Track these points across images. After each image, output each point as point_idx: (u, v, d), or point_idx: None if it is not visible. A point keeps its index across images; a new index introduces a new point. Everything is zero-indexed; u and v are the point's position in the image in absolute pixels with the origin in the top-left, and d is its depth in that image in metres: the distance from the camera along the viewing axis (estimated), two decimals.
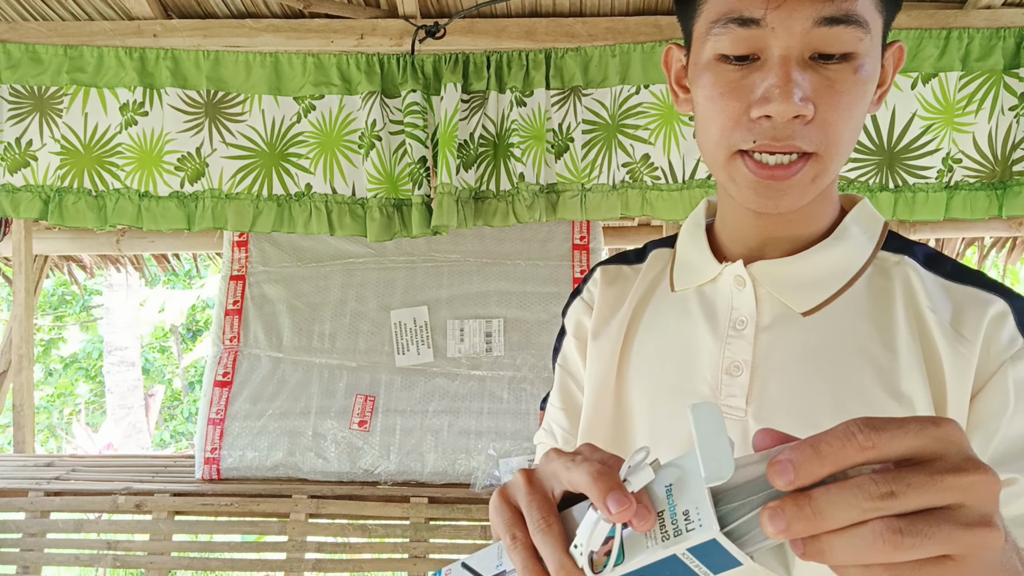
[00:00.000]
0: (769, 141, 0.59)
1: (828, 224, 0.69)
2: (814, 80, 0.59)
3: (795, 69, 0.58)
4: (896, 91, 2.09)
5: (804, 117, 0.58)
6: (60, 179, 2.19)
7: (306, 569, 2.10)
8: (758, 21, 0.58)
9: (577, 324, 0.83)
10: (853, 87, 0.59)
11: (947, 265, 0.67)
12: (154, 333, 9.80)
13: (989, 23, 2.08)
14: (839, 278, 0.67)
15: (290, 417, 2.30)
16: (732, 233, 0.72)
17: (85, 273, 3.29)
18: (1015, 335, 0.61)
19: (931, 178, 2.11)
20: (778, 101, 0.57)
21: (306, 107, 2.18)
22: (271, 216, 2.19)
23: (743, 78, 0.60)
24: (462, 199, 2.13)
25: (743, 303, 0.68)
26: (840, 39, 0.58)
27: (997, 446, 0.59)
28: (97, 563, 2.19)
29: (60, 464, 2.41)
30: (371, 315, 2.39)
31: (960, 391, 0.60)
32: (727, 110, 0.61)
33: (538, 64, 2.12)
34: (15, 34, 2.19)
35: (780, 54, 0.58)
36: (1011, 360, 0.60)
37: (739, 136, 0.61)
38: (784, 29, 0.58)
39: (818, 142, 0.59)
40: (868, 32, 0.59)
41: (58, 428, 8.87)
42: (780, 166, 0.60)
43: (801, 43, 0.58)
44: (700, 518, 0.39)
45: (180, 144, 2.18)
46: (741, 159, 0.62)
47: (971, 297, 0.64)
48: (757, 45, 0.59)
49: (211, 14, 2.22)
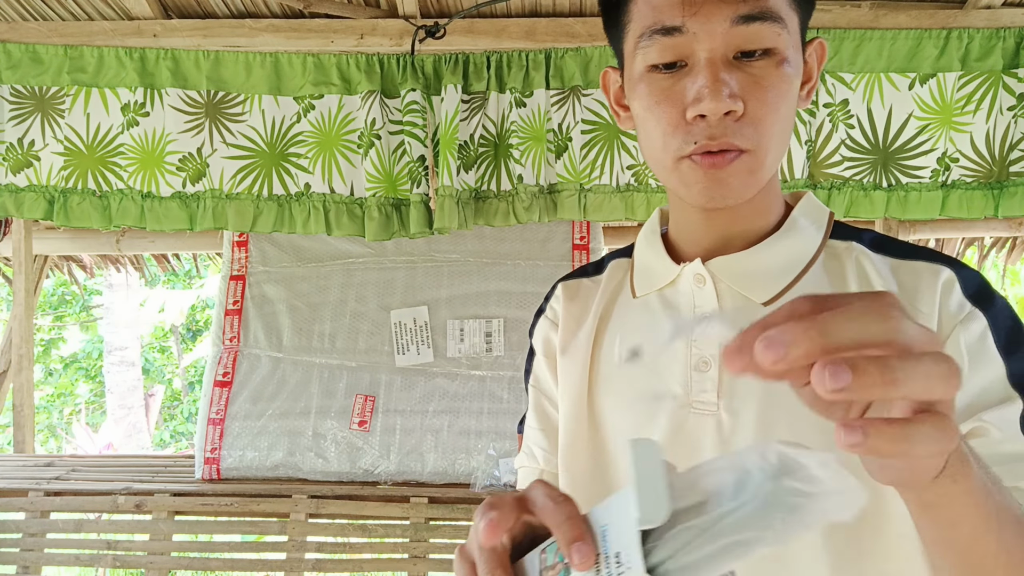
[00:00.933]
0: (706, 141, 0.62)
1: (776, 219, 0.73)
2: (740, 78, 0.62)
3: (721, 69, 0.61)
4: (893, 91, 2.10)
5: (735, 113, 0.62)
6: (64, 179, 2.19)
7: (306, 569, 2.10)
8: (680, 28, 0.62)
9: (545, 342, 0.84)
10: (778, 82, 0.63)
11: (894, 245, 0.71)
12: (154, 333, 9.80)
13: (989, 23, 2.08)
14: (794, 267, 0.70)
15: (290, 417, 2.30)
16: (686, 236, 0.75)
17: (85, 273, 3.29)
18: (962, 301, 0.65)
19: (925, 178, 2.12)
20: (708, 99, 0.61)
21: (305, 107, 2.19)
22: (271, 216, 2.19)
23: (674, 84, 0.64)
24: (462, 200, 2.13)
25: (705, 300, 0.71)
26: (759, 35, 0.61)
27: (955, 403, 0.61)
28: (97, 563, 2.19)
29: (60, 464, 2.41)
30: (371, 315, 2.39)
31: None
32: (664, 116, 0.64)
33: (538, 64, 2.12)
34: (15, 34, 2.19)
35: (705, 57, 0.62)
36: (960, 324, 0.64)
37: (680, 140, 0.64)
38: (705, 32, 0.61)
39: (750, 137, 0.63)
40: (785, 27, 0.62)
41: (58, 428, 8.87)
42: (721, 152, 0.63)
43: (723, 44, 0.62)
44: (629, 562, 0.40)
45: (181, 144, 2.18)
46: (688, 160, 0.65)
47: (921, 270, 0.67)
48: (682, 52, 0.63)
49: (211, 14, 2.23)
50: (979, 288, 0.66)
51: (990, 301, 0.65)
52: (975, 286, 0.66)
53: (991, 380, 0.62)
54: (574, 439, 0.76)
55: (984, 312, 0.64)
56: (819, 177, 2.14)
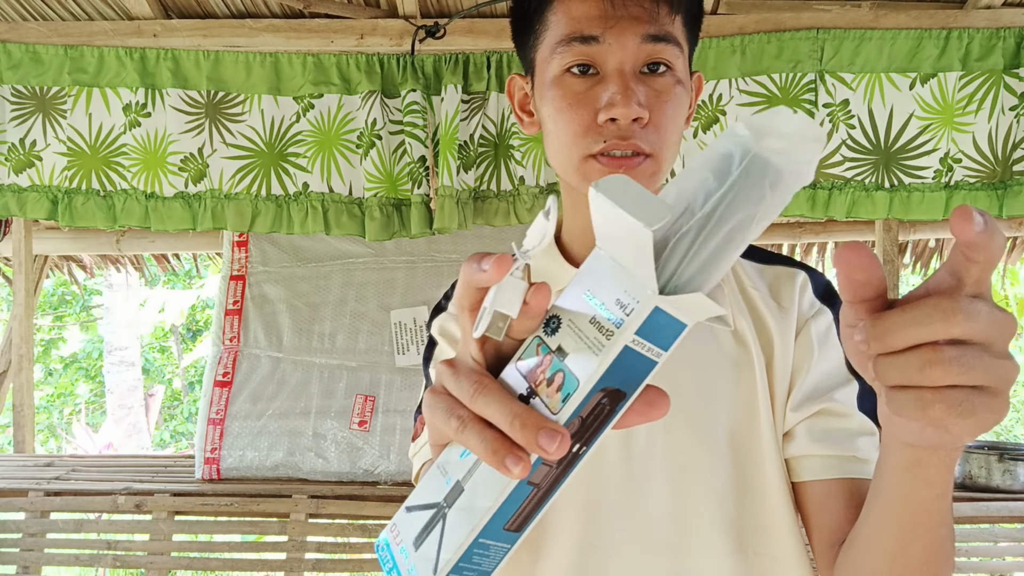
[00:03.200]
0: (616, 140, 0.69)
1: None
2: (645, 90, 0.69)
3: (631, 81, 0.69)
4: (894, 91, 2.10)
5: (642, 120, 0.69)
6: (68, 180, 2.19)
7: (306, 569, 2.10)
8: (597, 38, 0.69)
9: (445, 332, 0.83)
10: (674, 96, 0.71)
11: (756, 252, 0.81)
12: (154, 333, 9.80)
13: (989, 23, 2.08)
14: None
15: (290, 417, 2.30)
16: (581, 239, 0.79)
17: (85, 273, 3.29)
18: (813, 300, 0.78)
19: (928, 178, 2.11)
20: (620, 105, 0.67)
21: (305, 106, 2.18)
22: (269, 216, 2.19)
23: (588, 90, 0.70)
24: (462, 200, 2.13)
25: None
26: (663, 54, 0.70)
27: (807, 383, 0.74)
28: (97, 563, 2.19)
29: (60, 464, 2.41)
30: (371, 315, 2.39)
31: (784, 347, 0.75)
32: (576, 118, 0.70)
33: None
34: (15, 34, 2.19)
35: (617, 67, 0.69)
36: (812, 318, 0.76)
37: (590, 140, 0.70)
38: (619, 45, 0.69)
39: (653, 142, 0.70)
40: (682, 52, 0.72)
41: (58, 428, 8.87)
42: (626, 157, 0.70)
43: (633, 57, 0.69)
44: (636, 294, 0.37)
45: (182, 145, 2.18)
46: (594, 159, 0.70)
47: (781, 274, 0.79)
48: (597, 59, 0.70)
49: (211, 14, 2.22)
50: (827, 290, 0.79)
51: (833, 300, 0.78)
52: (823, 287, 0.79)
53: (835, 366, 0.75)
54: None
55: (831, 308, 0.77)
56: (819, 178, 2.14)
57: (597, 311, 0.39)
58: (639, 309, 0.37)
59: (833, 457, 0.71)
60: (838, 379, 0.74)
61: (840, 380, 0.74)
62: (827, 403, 0.72)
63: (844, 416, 0.72)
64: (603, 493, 0.71)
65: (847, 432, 0.71)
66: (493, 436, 0.38)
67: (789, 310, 0.76)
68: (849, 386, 0.74)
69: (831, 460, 0.71)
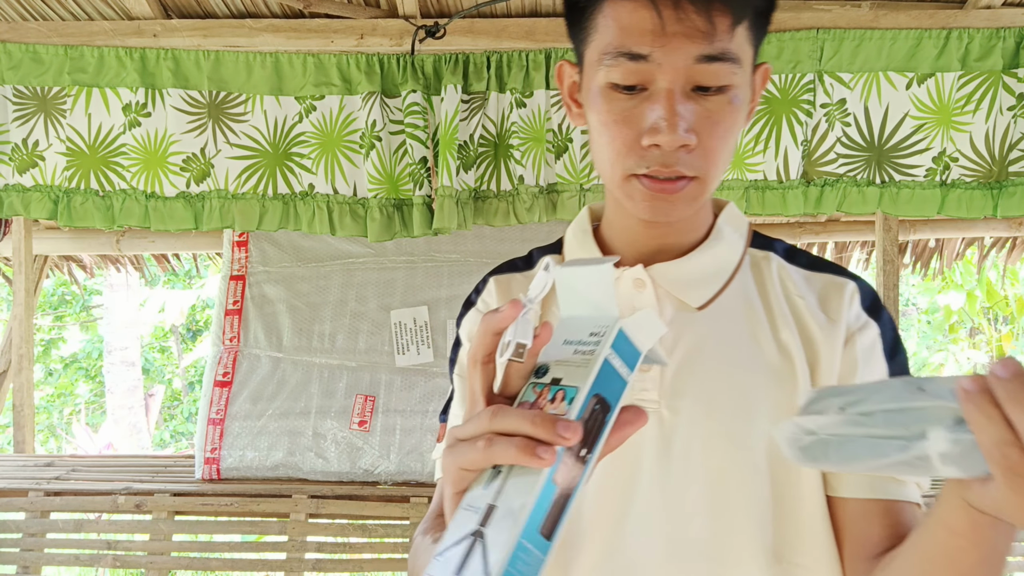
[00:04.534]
0: (659, 167, 0.66)
1: (706, 228, 0.78)
2: (695, 111, 0.66)
3: (679, 102, 0.65)
4: (891, 90, 2.10)
5: (688, 147, 0.65)
6: (68, 180, 2.20)
7: (306, 569, 2.10)
8: (646, 56, 0.64)
9: (471, 334, 0.84)
10: (728, 116, 0.67)
11: (803, 257, 0.79)
12: (154, 333, 9.79)
13: (989, 23, 2.08)
14: (722, 274, 0.75)
15: (290, 417, 2.30)
16: (623, 240, 0.78)
17: (85, 273, 3.29)
18: (860, 312, 0.75)
19: (919, 176, 2.12)
20: (665, 133, 0.64)
21: (307, 107, 2.19)
22: (276, 215, 2.20)
23: (634, 107, 0.66)
24: (461, 200, 2.13)
25: (644, 303, 0.74)
26: (717, 74, 0.65)
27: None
28: (97, 563, 2.19)
29: (60, 464, 2.41)
30: (371, 315, 2.39)
31: (830, 360, 0.72)
32: (620, 136, 0.67)
33: (538, 64, 2.13)
34: (15, 34, 2.19)
35: (666, 87, 0.65)
36: (859, 331, 0.73)
37: (633, 162, 0.67)
38: (669, 65, 0.64)
39: (699, 167, 0.67)
40: (740, 66, 0.66)
41: (58, 428, 8.87)
42: (669, 180, 0.67)
43: (684, 77, 0.65)
44: (603, 323, 0.48)
45: (184, 145, 2.18)
46: (636, 180, 0.68)
47: (829, 283, 0.76)
48: (645, 78, 0.66)
49: (211, 14, 2.23)
50: (873, 301, 0.76)
51: (879, 313, 0.75)
52: (870, 299, 0.76)
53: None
54: None
55: (876, 322, 0.75)
56: (812, 175, 2.14)
57: (577, 346, 0.49)
58: (610, 328, 0.48)
59: (871, 476, 0.69)
60: None
61: None
62: None
63: None
64: (637, 501, 0.70)
65: None
66: (519, 440, 0.45)
67: (837, 323, 0.73)
68: None
69: (868, 479, 0.69)
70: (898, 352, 0.75)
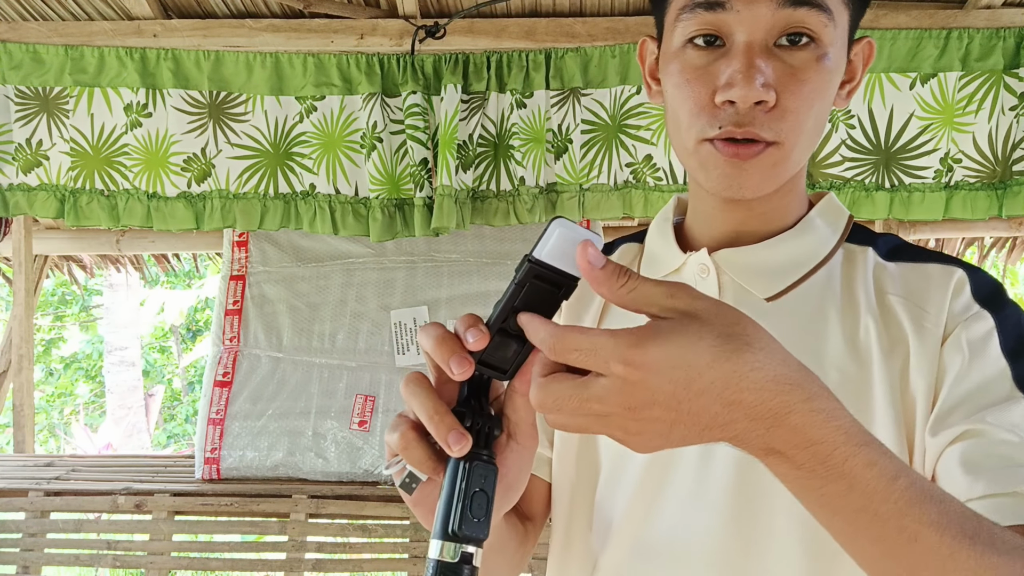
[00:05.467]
0: (732, 127, 0.61)
1: (795, 218, 0.71)
2: (777, 67, 0.60)
3: (758, 56, 0.60)
4: (894, 91, 2.09)
5: (766, 104, 0.60)
6: (73, 180, 2.20)
7: (306, 569, 2.10)
8: (723, 4, 0.60)
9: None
10: (816, 75, 0.61)
11: (909, 251, 0.70)
12: (154, 333, 9.79)
13: (989, 23, 2.08)
14: (801, 266, 0.69)
15: (290, 417, 2.30)
16: (702, 225, 0.73)
17: (85, 273, 3.29)
18: (970, 302, 0.64)
19: (928, 178, 2.11)
20: (740, 86, 0.59)
21: (308, 107, 2.19)
22: (278, 214, 2.20)
23: (709, 64, 0.62)
24: (460, 200, 2.13)
25: (706, 291, 0.70)
26: (805, 21, 0.60)
27: (951, 398, 0.62)
28: (97, 563, 2.19)
29: (60, 464, 2.41)
30: (371, 315, 2.39)
31: (924, 359, 0.63)
32: (693, 96, 0.63)
33: (538, 65, 2.12)
34: (15, 34, 2.19)
35: (745, 40, 0.60)
36: (964, 322, 0.63)
37: (705, 122, 0.62)
38: (749, 12, 0.60)
39: (779, 131, 0.61)
40: (832, 20, 0.61)
41: (58, 428, 8.87)
42: (746, 143, 0.62)
43: (765, 27, 0.60)
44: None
45: (185, 145, 2.19)
46: (710, 144, 0.63)
47: (933, 272, 0.67)
48: (723, 29, 0.61)
49: (211, 14, 2.22)
50: (991, 292, 0.65)
51: (1001, 306, 0.64)
52: (987, 289, 0.65)
53: (992, 378, 0.61)
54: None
55: (993, 315, 0.64)
56: (818, 177, 2.14)
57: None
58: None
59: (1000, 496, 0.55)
60: (997, 394, 0.60)
61: (1000, 396, 0.60)
62: (978, 424, 0.59)
63: (1000, 440, 0.57)
64: (671, 497, 0.67)
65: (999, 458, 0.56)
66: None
67: (936, 315, 0.64)
68: (1014, 404, 0.59)
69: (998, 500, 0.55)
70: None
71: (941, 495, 0.47)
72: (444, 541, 0.48)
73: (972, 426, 0.59)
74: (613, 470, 0.71)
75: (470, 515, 0.48)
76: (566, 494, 0.75)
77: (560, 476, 0.76)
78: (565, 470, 0.75)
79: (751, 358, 0.43)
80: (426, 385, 0.51)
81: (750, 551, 0.64)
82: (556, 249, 0.46)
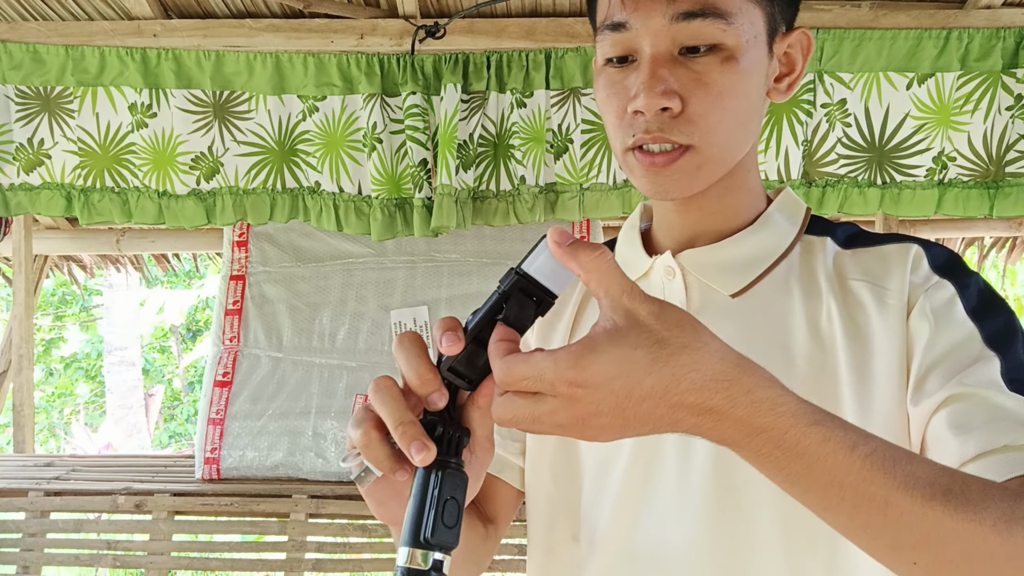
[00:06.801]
0: (642, 134, 0.64)
1: (753, 215, 0.73)
2: (682, 75, 0.63)
3: (661, 66, 0.63)
4: (891, 90, 2.10)
5: (671, 110, 0.63)
6: (82, 178, 2.21)
7: (306, 569, 2.10)
8: (624, 24, 0.64)
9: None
10: (721, 77, 0.63)
11: (866, 237, 0.72)
12: (154, 333, 9.79)
13: (989, 23, 2.08)
14: (763, 261, 0.71)
15: (290, 417, 2.30)
16: (664, 229, 0.76)
17: (85, 273, 3.29)
18: (929, 273, 0.66)
19: (920, 176, 2.13)
20: (643, 96, 0.62)
21: (310, 107, 2.19)
22: (287, 208, 2.23)
23: (623, 79, 0.65)
24: (460, 199, 2.13)
25: (674, 292, 0.72)
26: (700, 32, 0.62)
27: (920, 366, 0.63)
28: (97, 563, 2.19)
29: (60, 464, 2.41)
30: (371, 315, 2.39)
31: (887, 339, 0.65)
32: (613, 109, 0.67)
33: (538, 64, 2.13)
34: (15, 34, 2.19)
35: (649, 53, 0.63)
36: (925, 294, 0.65)
37: (624, 133, 0.66)
38: (645, 29, 0.63)
39: (690, 134, 0.64)
40: (731, 24, 0.62)
41: (58, 428, 8.87)
42: (662, 153, 0.64)
43: (665, 40, 0.63)
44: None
45: (192, 145, 2.19)
46: (632, 153, 0.66)
47: (890, 252, 0.69)
48: (629, 47, 0.65)
49: (211, 14, 2.22)
50: (947, 261, 0.67)
51: (959, 273, 0.66)
52: (944, 260, 0.67)
53: (962, 341, 0.62)
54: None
55: (952, 281, 0.66)
56: (814, 175, 2.15)
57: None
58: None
59: (992, 453, 0.55)
60: (968, 356, 0.61)
61: (972, 357, 0.61)
62: (959, 387, 0.60)
63: (984, 398, 0.58)
64: (656, 503, 0.68)
65: (986, 415, 0.57)
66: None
67: (898, 291, 0.66)
68: (988, 363, 0.60)
69: (991, 458, 0.55)
70: (989, 315, 0.63)
71: (908, 457, 0.48)
72: (414, 548, 0.48)
73: (952, 391, 0.60)
74: (596, 478, 0.72)
75: (442, 523, 0.49)
76: (542, 503, 0.76)
77: (535, 486, 0.77)
78: (540, 480, 0.76)
79: (688, 360, 0.45)
80: (395, 392, 0.53)
81: (736, 545, 0.65)
82: (544, 266, 0.49)
